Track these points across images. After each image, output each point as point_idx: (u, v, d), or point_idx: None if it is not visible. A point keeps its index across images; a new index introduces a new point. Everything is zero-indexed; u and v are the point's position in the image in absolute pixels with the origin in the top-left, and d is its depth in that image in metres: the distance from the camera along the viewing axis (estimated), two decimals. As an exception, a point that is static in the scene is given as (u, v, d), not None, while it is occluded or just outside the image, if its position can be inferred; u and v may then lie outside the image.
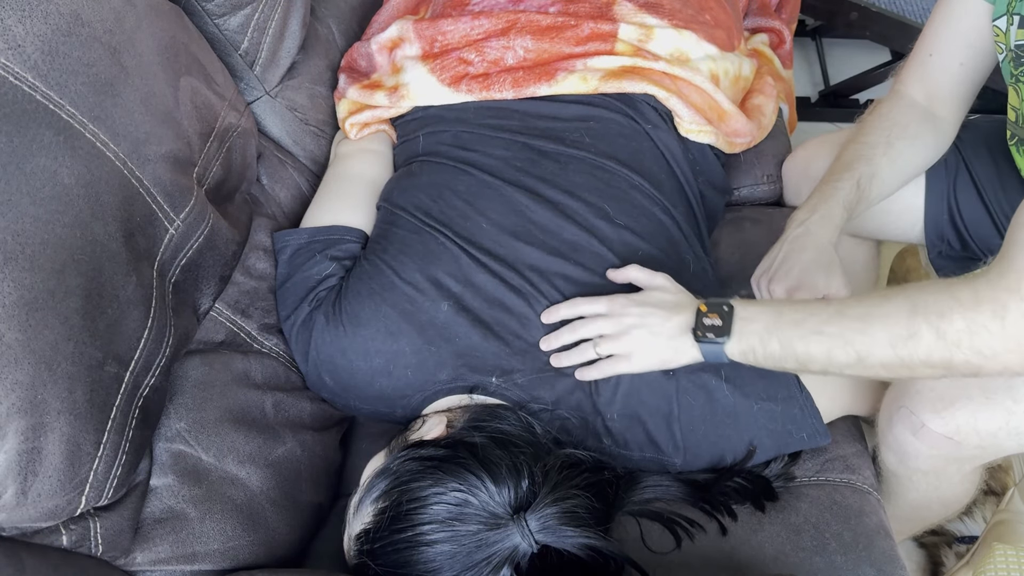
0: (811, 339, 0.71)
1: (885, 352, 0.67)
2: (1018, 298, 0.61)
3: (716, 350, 0.77)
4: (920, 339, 0.65)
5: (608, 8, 1.08)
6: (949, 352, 0.64)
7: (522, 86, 1.03)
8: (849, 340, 0.69)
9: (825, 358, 0.70)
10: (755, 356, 0.75)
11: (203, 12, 0.94)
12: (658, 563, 0.80)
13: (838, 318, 0.70)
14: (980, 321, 0.63)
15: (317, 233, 0.97)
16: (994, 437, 0.80)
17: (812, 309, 0.72)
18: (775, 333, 0.73)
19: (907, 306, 0.66)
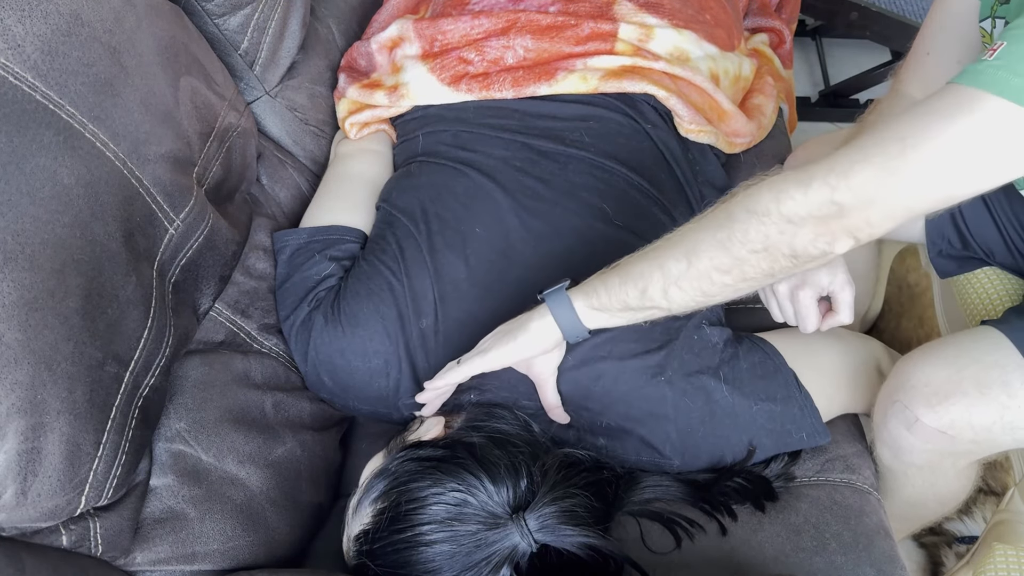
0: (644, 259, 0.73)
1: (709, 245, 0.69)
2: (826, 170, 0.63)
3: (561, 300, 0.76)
4: (735, 219, 0.67)
5: (608, 8, 1.08)
6: (762, 225, 0.66)
7: (522, 85, 1.03)
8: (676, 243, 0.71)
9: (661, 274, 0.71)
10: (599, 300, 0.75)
11: (203, 12, 0.94)
12: (658, 563, 0.80)
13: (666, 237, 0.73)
14: (786, 189, 0.65)
15: (316, 233, 0.97)
16: (988, 432, 0.80)
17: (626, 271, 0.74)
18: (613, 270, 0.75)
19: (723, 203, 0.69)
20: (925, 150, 0.61)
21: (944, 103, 0.61)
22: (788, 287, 0.86)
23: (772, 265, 0.68)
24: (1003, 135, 0.59)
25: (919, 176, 0.62)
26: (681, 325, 0.87)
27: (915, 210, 0.64)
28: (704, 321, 0.88)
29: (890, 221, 0.64)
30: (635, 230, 0.93)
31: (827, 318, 0.87)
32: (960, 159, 0.60)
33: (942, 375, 0.81)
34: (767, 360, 0.88)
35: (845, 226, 0.65)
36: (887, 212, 0.64)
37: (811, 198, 0.64)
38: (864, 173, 0.62)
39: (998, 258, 1.01)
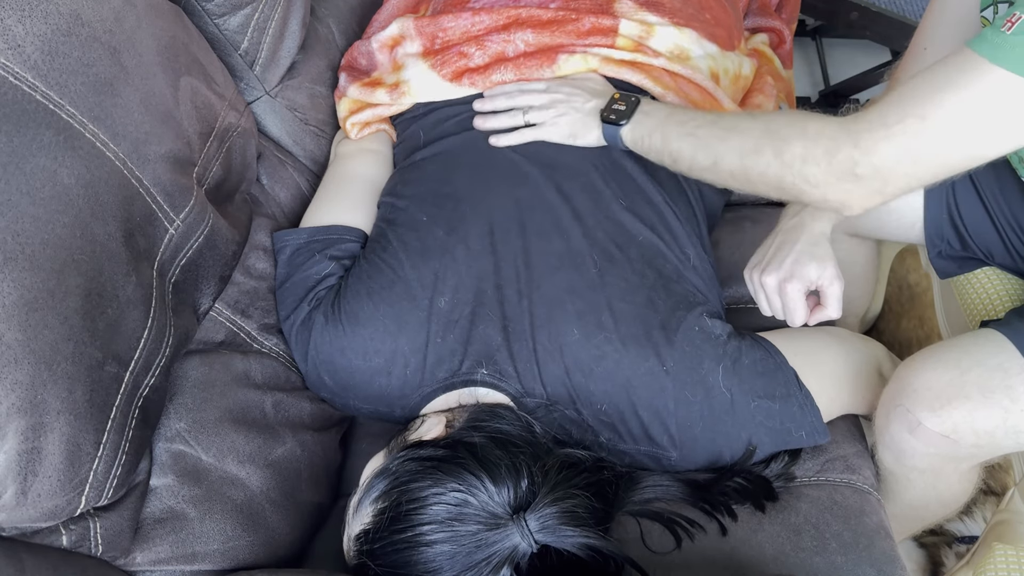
0: (685, 139, 0.82)
1: (734, 160, 0.77)
2: (851, 145, 0.69)
3: (614, 131, 0.91)
4: (762, 154, 0.74)
5: (609, 5, 1.08)
6: (782, 171, 0.73)
7: (523, 70, 1.03)
8: (710, 146, 0.79)
9: (690, 157, 0.82)
10: (642, 145, 0.89)
11: (203, 12, 0.94)
12: (658, 563, 0.80)
13: (710, 126, 0.80)
14: (813, 152, 0.71)
15: (317, 233, 0.97)
16: (991, 436, 0.80)
17: (695, 115, 0.84)
18: (661, 128, 0.85)
19: (762, 126, 0.76)
20: (941, 125, 0.65)
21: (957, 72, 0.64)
22: (776, 280, 0.86)
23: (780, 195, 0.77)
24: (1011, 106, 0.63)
25: (936, 149, 0.66)
26: (683, 315, 0.87)
27: (928, 183, 0.70)
28: (705, 312, 0.88)
29: (902, 190, 0.70)
30: (638, 213, 0.93)
31: (815, 312, 0.87)
32: (971, 129, 0.65)
33: (945, 379, 0.81)
34: (768, 358, 0.88)
35: (858, 195, 0.71)
36: (903, 184, 0.70)
37: (833, 167, 0.70)
38: (887, 151, 0.67)
39: (997, 259, 1.01)
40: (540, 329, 0.86)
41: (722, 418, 0.85)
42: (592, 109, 0.94)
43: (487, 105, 1.00)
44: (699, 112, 0.84)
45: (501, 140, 0.98)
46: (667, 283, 0.89)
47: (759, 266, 0.89)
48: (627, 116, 0.90)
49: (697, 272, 0.93)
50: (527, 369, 0.85)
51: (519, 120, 0.97)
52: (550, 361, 0.85)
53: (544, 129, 0.96)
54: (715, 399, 0.85)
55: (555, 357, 0.85)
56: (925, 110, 0.65)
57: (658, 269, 0.90)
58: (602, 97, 0.95)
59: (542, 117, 0.97)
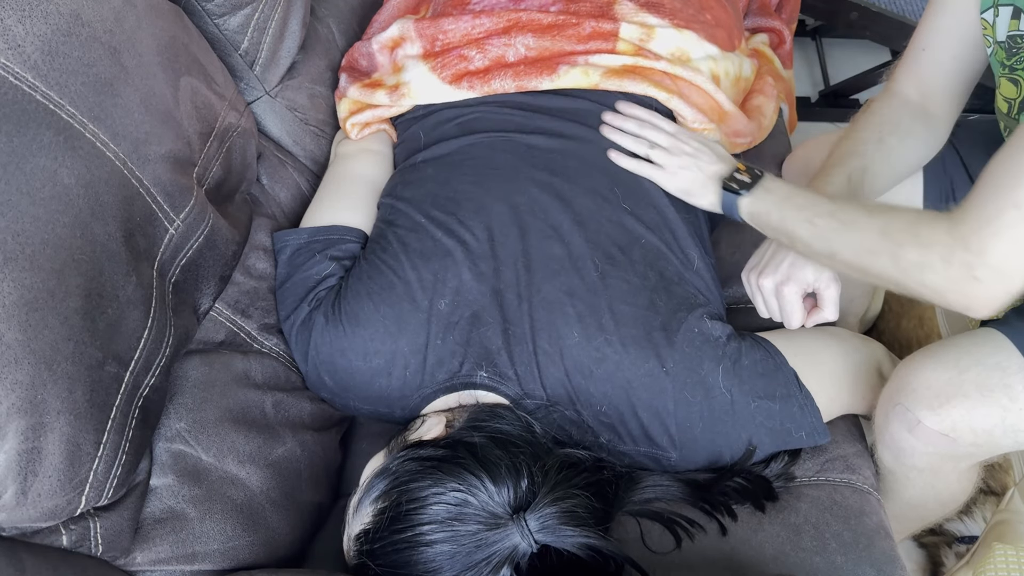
0: (802, 225, 0.81)
1: (852, 256, 0.77)
2: (963, 249, 0.68)
3: (732, 200, 0.90)
4: (879, 257, 0.74)
5: (609, 7, 1.08)
6: (900, 277, 0.73)
7: (523, 79, 1.03)
8: (828, 237, 0.78)
9: (806, 244, 0.81)
10: (759, 219, 0.87)
11: (203, 12, 0.94)
12: (658, 563, 0.80)
13: (828, 217, 0.79)
14: (929, 260, 0.70)
15: (317, 233, 0.97)
16: (989, 435, 0.80)
17: (815, 201, 0.82)
18: (780, 208, 0.84)
19: (879, 226, 0.75)
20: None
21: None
22: (773, 283, 0.86)
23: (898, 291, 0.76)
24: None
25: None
26: (683, 317, 0.87)
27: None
28: (706, 314, 0.88)
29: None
30: (641, 216, 0.93)
31: (812, 314, 0.87)
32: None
33: (943, 378, 0.81)
34: (768, 358, 0.88)
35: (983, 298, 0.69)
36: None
37: (951, 274, 0.69)
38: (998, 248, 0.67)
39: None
40: (540, 332, 0.86)
41: (722, 419, 0.85)
42: (715, 173, 0.93)
43: (616, 121, 1.01)
44: (818, 198, 0.82)
45: (621, 160, 0.98)
46: (668, 285, 0.89)
47: (756, 268, 0.89)
48: (748, 187, 0.88)
49: (699, 274, 0.93)
50: (527, 371, 0.85)
51: (643, 150, 0.98)
52: (550, 363, 0.85)
53: (662, 174, 0.96)
54: (715, 400, 0.85)
55: (555, 359, 0.85)
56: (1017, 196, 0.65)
57: (660, 271, 0.90)
58: (726, 164, 0.94)
59: (665, 161, 0.96)
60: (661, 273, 0.90)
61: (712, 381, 0.85)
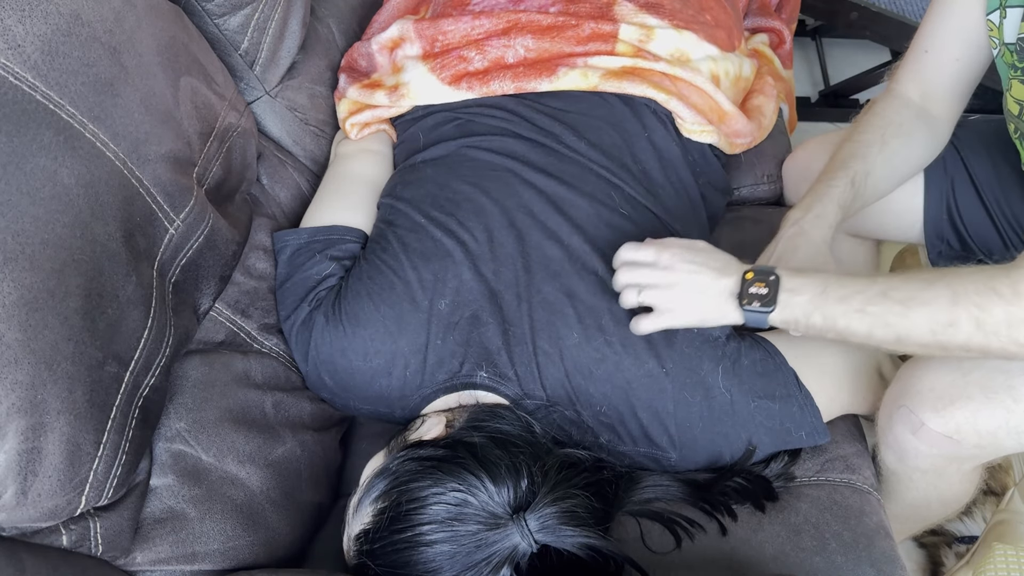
0: (853, 317, 0.73)
1: (924, 336, 0.70)
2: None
3: (760, 319, 0.78)
4: (960, 327, 0.68)
5: (609, 8, 1.08)
6: (987, 340, 0.68)
7: (522, 80, 1.03)
8: (890, 323, 0.71)
9: (866, 335, 0.73)
10: (797, 326, 0.77)
11: (203, 12, 0.94)
12: (658, 563, 0.80)
13: (881, 299, 0.72)
14: (1018, 315, 0.66)
15: (317, 233, 0.97)
16: (993, 436, 0.80)
17: (858, 287, 0.74)
18: (820, 308, 0.75)
19: (948, 294, 0.69)
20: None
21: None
22: None
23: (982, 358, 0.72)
24: None
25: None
26: None
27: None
28: None
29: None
30: (640, 219, 0.93)
31: None
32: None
33: (947, 380, 0.81)
34: (768, 358, 0.88)
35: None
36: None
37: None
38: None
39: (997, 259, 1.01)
40: (540, 332, 0.86)
41: (722, 419, 0.85)
42: (723, 292, 0.79)
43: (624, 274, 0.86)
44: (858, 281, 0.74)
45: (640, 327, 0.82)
46: None
47: None
48: (772, 300, 0.76)
49: None
50: (527, 372, 0.86)
51: (632, 300, 0.82)
52: (550, 364, 0.85)
53: (665, 317, 0.81)
54: (715, 400, 0.85)
55: (555, 360, 0.85)
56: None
57: None
58: (728, 274, 0.79)
59: (661, 301, 0.81)
60: None
61: (712, 381, 0.85)
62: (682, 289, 0.80)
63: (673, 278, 0.80)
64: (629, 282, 0.82)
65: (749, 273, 0.78)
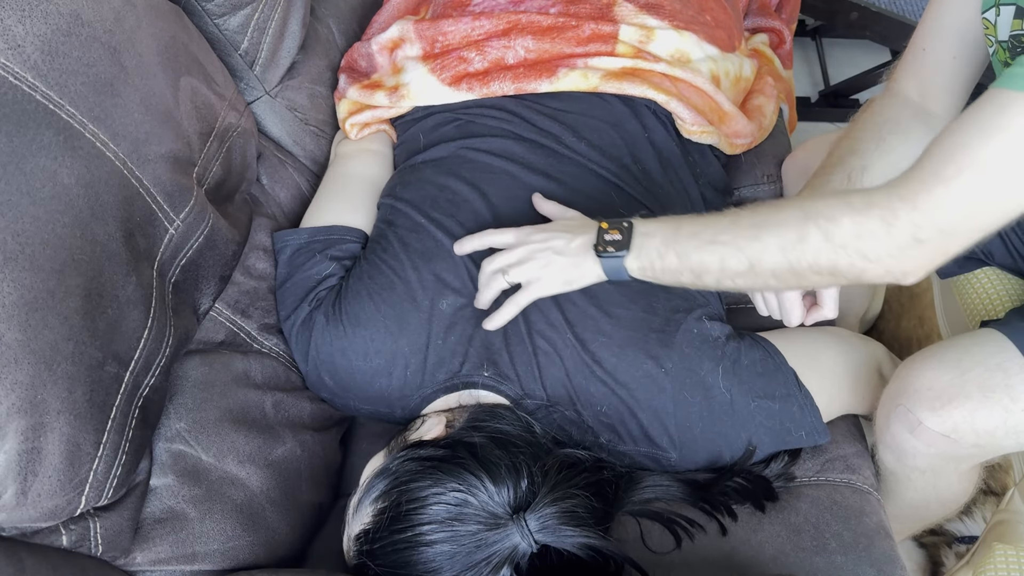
0: (706, 248, 0.73)
1: (775, 257, 0.69)
2: (910, 207, 0.63)
3: (616, 264, 0.78)
4: (808, 242, 0.67)
5: (609, 9, 1.08)
6: (835, 254, 0.66)
7: (522, 81, 1.03)
8: (741, 247, 0.71)
9: (719, 267, 0.72)
10: (654, 271, 0.77)
11: (203, 12, 0.94)
12: (658, 563, 0.80)
13: (732, 227, 0.72)
14: (868, 225, 0.65)
15: (317, 233, 0.97)
16: (991, 436, 0.80)
17: (708, 221, 0.74)
18: (672, 246, 0.75)
19: (799, 212, 0.68)
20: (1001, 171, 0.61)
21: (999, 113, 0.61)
22: None
23: (833, 283, 0.70)
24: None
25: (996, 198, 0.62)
26: (682, 318, 0.87)
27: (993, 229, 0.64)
28: (704, 315, 0.88)
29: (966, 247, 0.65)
30: None
31: (812, 312, 0.87)
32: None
33: (945, 379, 0.81)
34: (768, 358, 0.88)
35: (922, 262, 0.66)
36: (965, 241, 0.65)
37: (894, 238, 0.64)
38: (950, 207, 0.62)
39: (997, 258, 1.01)
40: (539, 334, 0.86)
41: (722, 418, 0.85)
42: (580, 247, 0.81)
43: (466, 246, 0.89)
44: (708, 217, 0.75)
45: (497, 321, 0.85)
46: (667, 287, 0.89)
47: None
48: (626, 245, 0.78)
49: None
50: (527, 372, 0.86)
51: (499, 284, 0.85)
52: (550, 364, 0.85)
53: (533, 288, 0.83)
54: (714, 400, 0.85)
55: (555, 360, 0.85)
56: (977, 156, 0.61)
57: None
58: (585, 231, 0.82)
59: (525, 274, 0.83)
60: None
61: (711, 381, 0.85)
62: (541, 255, 0.82)
63: (531, 248, 0.83)
64: (493, 269, 0.85)
65: (604, 224, 0.80)
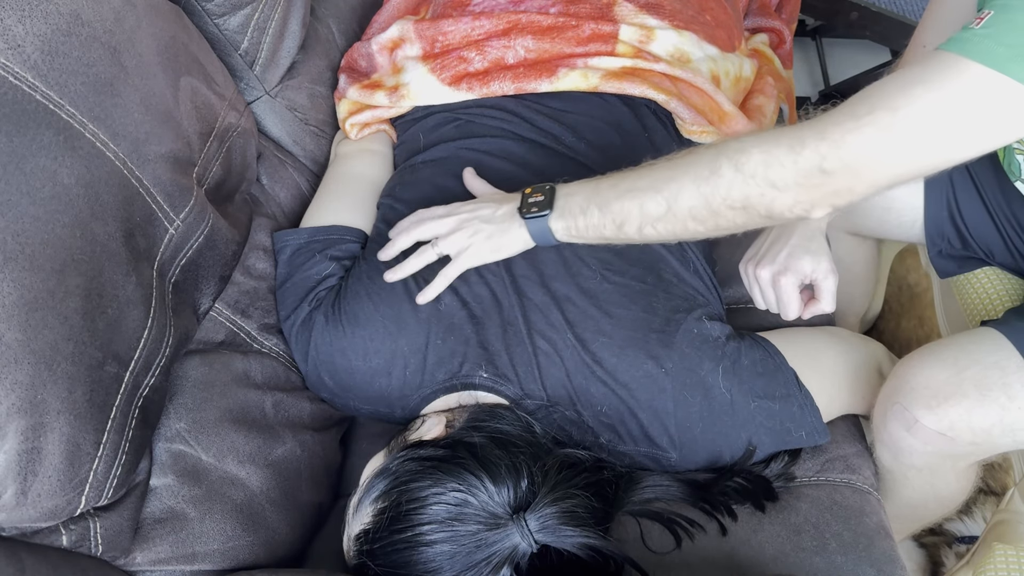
0: (625, 196, 0.75)
1: (691, 195, 0.71)
2: (817, 138, 0.65)
3: (541, 225, 0.81)
4: (721, 174, 0.69)
5: (609, 9, 1.08)
6: (746, 185, 0.68)
7: (522, 81, 1.03)
8: (659, 188, 0.73)
9: (639, 212, 0.74)
10: (578, 229, 0.79)
11: (203, 12, 0.94)
12: (658, 563, 0.80)
13: (649, 172, 0.75)
14: (775, 153, 0.67)
15: (317, 233, 0.97)
16: (988, 434, 0.80)
17: (627, 173, 0.77)
18: (593, 199, 0.78)
19: (712, 151, 0.71)
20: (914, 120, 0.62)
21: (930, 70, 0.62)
22: (770, 273, 0.85)
23: (747, 221, 0.71)
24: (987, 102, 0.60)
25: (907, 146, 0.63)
26: (682, 318, 0.87)
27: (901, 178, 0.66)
28: (705, 315, 0.88)
29: (873, 189, 0.66)
30: None
31: (809, 306, 0.86)
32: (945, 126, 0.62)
33: (942, 377, 0.81)
34: (768, 358, 0.88)
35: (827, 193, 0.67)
36: (873, 181, 0.66)
37: (800, 166, 0.66)
38: (856, 144, 0.64)
39: (998, 258, 1.01)
40: (540, 334, 0.86)
41: (722, 418, 0.85)
42: (505, 214, 0.84)
43: (391, 251, 0.90)
44: (627, 170, 0.77)
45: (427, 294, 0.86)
46: (667, 287, 0.89)
47: (754, 259, 0.88)
48: (548, 204, 0.80)
49: (698, 274, 0.93)
50: (527, 372, 0.86)
51: (431, 256, 0.87)
52: (550, 365, 0.85)
53: (463, 257, 0.86)
54: (715, 400, 0.85)
55: (555, 361, 0.85)
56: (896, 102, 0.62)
57: (658, 273, 0.90)
58: (511, 199, 0.85)
59: (454, 244, 0.86)
60: (659, 275, 0.90)
61: (712, 381, 0.85)
62: (469, 225, 0.85)
63: (459, 219, 0.86)
64: (419, 237, 0.88)
65: (528, 189, 0.83)
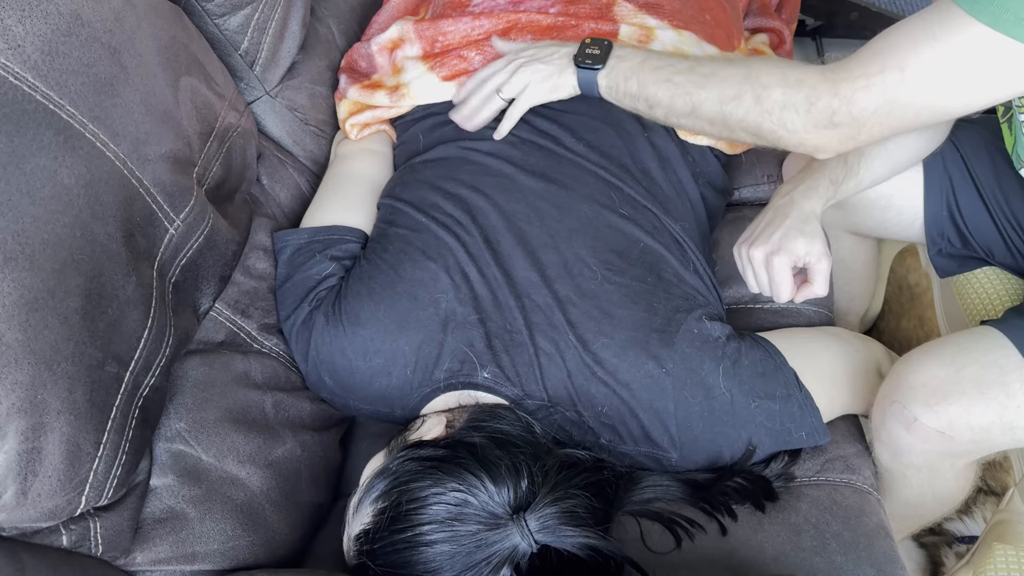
0: (661, 85, 0.83)
1: (713, 107, 0.79)
2: (831, 94, 0.71)
3: (590, 77, 0.90)
4: (742, 101, 0.77)
5: (608, 9, 1.08)
6: (761, 118, 0.76)
7: None
8: (689, 92, 0.81)
9: (668, 103, 0.83)
10: (618, 92, 0.88)
11: (203, 12, 0.94)
12: (658, 563, 0.80)
13: (687, 72, 0.81)
14: (793, 99, 0.74)
15: (317, 233, 0.97)
16: (987, 432, 0.80)
17: (672, 61, 0.84)
18: (637, 74, 0.86)
19: (743, 73, 0.77)
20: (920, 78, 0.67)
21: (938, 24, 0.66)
22: (763, 253, 0.85)
23: (757, 142, 0.80)
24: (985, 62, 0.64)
25: (910, 102, 0.69)
26: (682, 318, 0.87)
27: (903, 130, 0.73)
28: (705, 315, 0.88)
29: (875, 139, 0.74)
30: (639, 220, 0.93)
31: (802, 289, 0.86)
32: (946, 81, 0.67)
33: (941, 375, 0.81)
34: (768, 358, 0.88)
35: (832, 139, 0.74)
36: (875, 133, 0.72)
37: (812, 116, 0.73)
38: (865, 100, 0.70)
39: (998, 258, 1.01)
40: (540, 334, 0.86)
41: (722, 419, 0.85)
42: (563, 56, 0.93)
43: (463, 110, 1.00)
44: (675, 58, 0.85)
45: (502, 130, 0.98)
46: (667, 287, 0.89)
47: (747, 240, 0.88)
48: (602, 60, 0.89)
49: (698, 275, 0.93)
50: (528, 372, 0.86)
51: (498, 102, 0.97)
52: (551, 365, 0.85)
53: (524, 96, 0.95)
54: (715, 400, 0.85)
55: (556, 361, 0.85)
56: (904, 61, 0.67)
57: (658, 274, 0.90)
58: (570, 45, 0.94)
59: (516, 86, 0.95)
60: (660, 275, 0.90)
61: (712, 381, 0.85)
62: (529, 65, 0.94)
63: (520, 62, 0.95)
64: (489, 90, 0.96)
65: (588, 40, 0.92)
